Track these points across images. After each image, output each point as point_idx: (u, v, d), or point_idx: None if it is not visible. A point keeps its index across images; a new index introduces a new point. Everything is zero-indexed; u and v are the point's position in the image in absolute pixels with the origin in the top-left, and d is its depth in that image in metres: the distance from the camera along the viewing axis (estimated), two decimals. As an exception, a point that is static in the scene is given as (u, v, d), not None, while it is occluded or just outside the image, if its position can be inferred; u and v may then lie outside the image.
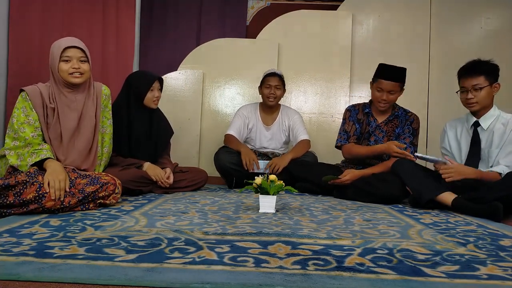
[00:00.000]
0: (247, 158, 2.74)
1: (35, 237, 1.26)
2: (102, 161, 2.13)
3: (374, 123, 2.61)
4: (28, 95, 1.85)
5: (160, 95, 2.50)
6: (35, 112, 1.85)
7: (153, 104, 2.45)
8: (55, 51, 1.91)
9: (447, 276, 1.01)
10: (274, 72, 3.01)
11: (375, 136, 2.60)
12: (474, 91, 2.14)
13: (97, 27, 3.46)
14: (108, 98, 2.15)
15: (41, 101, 1.88)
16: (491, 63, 2.15)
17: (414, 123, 2.55)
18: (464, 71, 2.18)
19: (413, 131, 2.53)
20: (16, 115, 1.83)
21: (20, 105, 1.85)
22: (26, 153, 1.78)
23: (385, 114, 2.61)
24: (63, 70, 1.89)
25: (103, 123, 2.12)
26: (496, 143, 2.14)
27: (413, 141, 2.52)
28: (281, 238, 1.34)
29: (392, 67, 2.49)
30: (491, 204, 1.86)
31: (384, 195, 2.26)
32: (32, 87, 1.89)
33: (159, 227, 1.46)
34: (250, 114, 3.10)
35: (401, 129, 2.55)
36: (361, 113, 2.68)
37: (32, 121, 1.84)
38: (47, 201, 1.62)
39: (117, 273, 0.95)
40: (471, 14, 3.76)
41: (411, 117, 2.57)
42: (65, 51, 1.89)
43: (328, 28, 3.77)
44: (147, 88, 2.41)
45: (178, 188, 2.52)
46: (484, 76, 2.11)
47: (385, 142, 2.53)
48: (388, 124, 2.59)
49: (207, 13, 4.10)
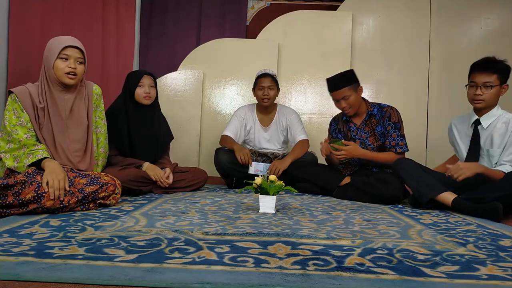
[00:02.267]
0: (241, 154, 2.75)
1: (35, 237, 1.26)
2: (100, 162, 2.12)
3: (354, 127, 2.64)
4: (17, 96, 1.82)
5: (154, 92, 2.48)
6: (26, 113, 1.83)
7: (144, 100, 2.44)
8: (54, 47, 1.88)
9: (447, 276, 1.01)
10: (266, 73, 2.99)
11: (360, 139, 2.61)
12: (484, 88, 2.12)
13: (97, 27, 3.46)
14: (99, 98, 2.11)
15: (30, 101, 1.85)
16: (505, 63, 2.13)
17: (392, 117, 2.53)
18: (478, 66, 2.15)
19: (395, 125, 2.52)
20: (8, 118, 1.81)
21: (11, 107, 1.82)
22: (22, 154, 1.77)
23: (361, 115, 2.62)
24: (59, 68, 1.87)
25: (97, 123, 2.10)
26: (498, 142, 2.14)
27: (400, 134, 2.52)
28: (281, 238, 1.34)
29: (333, 77, 2.54)
30: (491, 204, 1.86)
31: (384, 195, 2.26)
32: (20, 88, 1.86)
33: (159, 227, 1.46)
34: (247, 115, 3.09)
35: (381, 127, 2.55)
36: (341, 122, 2.72)
37: (24, 122, 1.82)
38: (46, 200, 1.62)
39: (117, 273, 0.95)
40: (471, 14, 3.76)
41: (387, 112, 2.55)
42: (64, 49, 1.87)
43: (328, 28, 3.77)
44: (136, 84, 2.42)
45: (178, 188, 2.52)
46: (497, 75, 2.10)
47: (372, 142, 2.57)
48: (367, 124, 2.60)
49: (207, 13, 4.11)
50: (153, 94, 2.48)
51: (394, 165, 2.31)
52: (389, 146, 2.52)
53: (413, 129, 3.51)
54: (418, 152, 3.61)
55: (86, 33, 3.31)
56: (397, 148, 2.50)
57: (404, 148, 2.50)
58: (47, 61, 1.89)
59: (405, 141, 2.53)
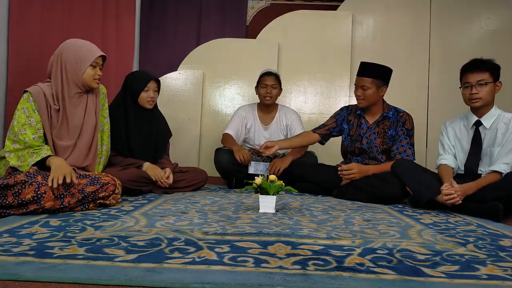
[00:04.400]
0: (240, 154, 2.75)
1: (35, 237, 1.26)
2: (102, 160, 2.13)
3: (365, 125, 2.60)
4: (33, 96, 1.84)
5: (156, 96, 2.49)
6: (38, 114, 1.84)
7: (147, 104, 2.45)
8: (87, 55, 1.92)
9: (447, 276, 1.01)
10: (270, 72, 3.02)
11: (367, 139, 2.57)
12: (479, 87, 2.13)
13: (97, 27, 3.47)
14: (105, 97, 2.17)
15: (45, 102, 1.87)
16: (494, 62, 2.16)
17: (406, 123, 2.51)
18: (469, 67, 2.18)
19: (407, 132, 2.50)
20: (17, 117, 1.82)
21: (21, 106, 1.83)
22: (26, 154, 1.78)
23: (375, 115, 2.59)
24: (90, 75, 1.94)
25: (101, 122, 2.14)
26: (499, 141, 2.14)
27: (410, 142, 2.51)
28: (281, 238, 1.34)
29: (368, 63, 2.53)
30: (491, 204, 1.86)
31: (384, 195, 2.26)
32: (36, 88, 1.87)
33: (159, 227, 1.46)
34: (248, 114, 3.11)
35: (394, 131, 2.52)
36: (353, 115, 2.68)
37: (34, 122, 1.83)
38: (46, 201, 1.62)
39: (117, 273, 0.95)
40: (471, 14, 3.76)
41: (403, 117, 2.53)
42: (97, 58, 1.94)
43: (328, 28, 3.77)
44: (142, 88, 2.41)
45: (178, 188, 2.52)
46: (489, 72, 2.12)
47: (379, 143, 2.54)
48: (379, 125, 2.56)
49: (207, 13, 4.11)
50: (156, 99, 2.50)
51: (394, 166, 2.31)
52: (396, 152, 2.48)
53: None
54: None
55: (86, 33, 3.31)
56: (404, 155, 2.46)
57: (410, 157, 2.46)
58: (77, 67, 1.92)
59: (413, 150, 2.49)
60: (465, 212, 1.97)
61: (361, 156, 2.61)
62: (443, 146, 2.34)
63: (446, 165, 2.25)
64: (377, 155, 2.55)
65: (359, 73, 2.53)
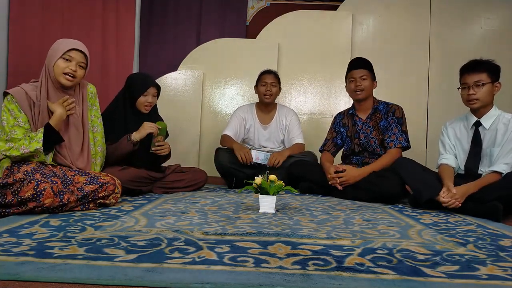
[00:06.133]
0: (241, 153, 2.76)
1: (35, 237, 1.26)
2: (98, 160, 2.12)
3: (359, 122, 2.66)
4: (14, 97, 1.84)
5: (155, 102, 2.48)
6: (23, 113, 1.84)
7: (143, 109, 2.43)
8: (59, 47, 1.90)
9: (447, 276, 1.01)
10: (269, 70, 3.05)
11: (364, 133, 2.62)
12: (476, 87, 2.13)
13: (97, 27, 3.47)
14: (94, 96, 2.13)
15: (27, 102, 1.86)
16: (493, 62, 2.16)
17: (396, 112, 2.56)
18: (467, 68, 2.18)
19: (398, 120, 2.54)
20: (6, 119, 1.82)
21: (7, 108, 1.83)
22: (25, 141, 1.79)
23: (367, 110, 2.65)
24: (59, 67, 1.89)
25: (93, 122, 2.11)
26: (498, 141, 2.14)
27: (402, 129, 2.53)
28: (281, 238, 1.34)
29: (361, 59, 2.67)
30: (491, 204, 1.86)
31: (383, 192, 2.27)
32: (16, 89, 1.87)
33: (159, 227, 1.46)
34: (246, 114, 3.11)
35: (385, 121, 2.57)
36: (346, 117, 2.75)
37: (22, 122, 1.83)
38: (46, 198, 1.61)
39: (117, 273, 0.95)
40: (471, 14, 3.76)
41: (392, 107, 2.59)
42: (69, 51, 1.89)
43: (328, 28, 3.77)
44: (141, 92, 2.39)
45: (178, 188, 2.52)
46: (487, 73, 2.12)
47: (375, 135, 2.58)
48: (372, 119, 2.62)
49: (207, 13, 4.11)
50: (153, 104, 2.48)
51: (395, 164, 2.31)
52: (388, 141, 2.52)
53: (413, 129, 3.47)
54: (418, 152, 3.61)
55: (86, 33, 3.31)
56: (396, 142, 2.49)
57: (403, 143, 2.50)
58: (50, 60, 1.90)
59: (406, 137, 2.53)
60: (465, 212, 1.97)
61: (361, 155, 2.63)
62: (444, 145, 2.34)
63: (447, 165, 2.25)
64: (376, 148, 2.57)
65: (355, 66, 2.62)
